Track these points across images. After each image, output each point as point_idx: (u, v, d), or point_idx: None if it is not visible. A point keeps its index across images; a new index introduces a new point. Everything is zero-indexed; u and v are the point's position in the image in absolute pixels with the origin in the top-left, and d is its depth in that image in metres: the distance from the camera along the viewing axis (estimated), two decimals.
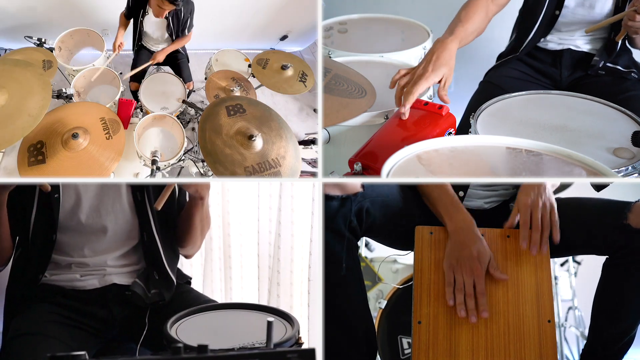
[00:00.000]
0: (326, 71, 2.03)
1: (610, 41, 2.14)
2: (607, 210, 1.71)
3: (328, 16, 2.62)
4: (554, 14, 2.17)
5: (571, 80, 2.21)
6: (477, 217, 1.73)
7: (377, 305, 3.10)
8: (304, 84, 2.49)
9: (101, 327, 1.70)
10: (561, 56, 2.22)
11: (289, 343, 1.41)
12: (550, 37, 2.22)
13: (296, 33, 3.08)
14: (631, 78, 2.13)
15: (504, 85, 2.17)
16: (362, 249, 3.13)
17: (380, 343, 2.24)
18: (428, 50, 1.93)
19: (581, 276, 3.20)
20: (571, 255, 2.70)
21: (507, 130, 1.80)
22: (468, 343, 1.59)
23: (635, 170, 1.63)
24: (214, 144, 1.82)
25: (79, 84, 2.29)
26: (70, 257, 1.72)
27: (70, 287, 1.70)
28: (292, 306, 2.33)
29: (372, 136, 1.81)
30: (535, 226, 1.67)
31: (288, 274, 2.31)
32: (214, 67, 2.54)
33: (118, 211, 1.74)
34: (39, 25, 2.68)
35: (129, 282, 1.73)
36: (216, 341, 1.40)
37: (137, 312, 1.71)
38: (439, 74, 1.84)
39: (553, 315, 1.63)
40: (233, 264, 2.48)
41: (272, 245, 2.39)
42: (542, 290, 1.65)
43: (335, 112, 1.87)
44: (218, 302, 1.74)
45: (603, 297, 1.75)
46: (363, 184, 1.69)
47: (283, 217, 2.29)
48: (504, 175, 1.63)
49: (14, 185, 1.65)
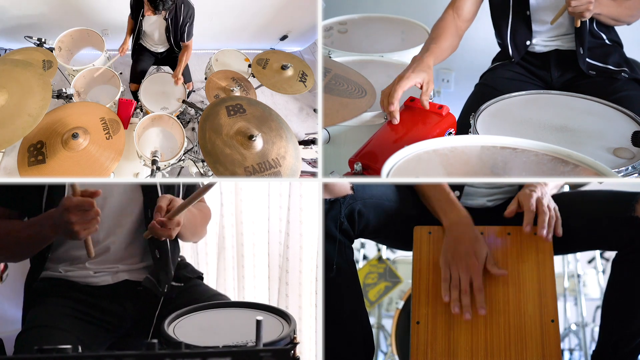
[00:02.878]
0: (326, 71, 2.03)
1: (576, 30, 2.12)
2: (613, 203, 1.67)
3: (328, 16, 2.62)
4: (526, 14, 2.17)
5: (562, 82, 2.20)
6: (479, 216, 1.73)
7: (394, 305, 3.13)
8: (304, 84, 2.49)
9: (114, 322, 1.72)
10: (549, 57, 2.21)
11: (283, 342, 1.42)
12: (535, 40, 2.21)
13: (296, 33, 3.08)
14: (621, 78, 2.12)
15: (499, 86, 2.16)
16: (384, 250, 3.15)
17: (398, 342, 2.23)
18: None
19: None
20: (577, 251, 2.63)
21: (507, 130, 1.80)
22: (467, 343, 1.58)
23: (635, 170, 1.63)
24: (214, 144, 1.82)
25: (79, 84, 2.29)
26: (83, 252, 1.72)
27: (84, 283, 1.73)
28: (301, 306, 2.33)
29: (372, 136, 1.81)
30: (542, 210, 1.63)
31: (297, 274, 2.32)
32: (214, 67, 2.54)
33: (131, 208, 1.76)
34: (39, 25, 2.69)
35: (140, 278, 1.75)
36: (212, 339, 1.41)
37: (148, 308, 1.73)
38: (420, 75, 1.87)
39: (556, 314, 1.60)
40: (246, 263, 2.50)
41: (282, 244, 2.40)
42: (544, 288, 1.62)
43: (335, 112, 1.87)
44: (228, 297, 1.78)
45: (613, 295, 1.69)
46: (353, 187, 1.69)
47: (292, 216, 2.29)
48: (504, 175, 1.63)
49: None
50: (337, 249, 1.65)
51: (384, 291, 3.07)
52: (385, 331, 3.18)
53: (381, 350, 3.22)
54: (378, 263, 3.13)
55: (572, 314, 3.35)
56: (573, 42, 2.17)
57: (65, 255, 1.74)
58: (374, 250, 3.21)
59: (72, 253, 1.74)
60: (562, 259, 3.40)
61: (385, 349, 3.21)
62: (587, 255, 3.43)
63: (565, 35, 2.19)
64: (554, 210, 1.66)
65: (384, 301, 3.16)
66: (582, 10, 1.98)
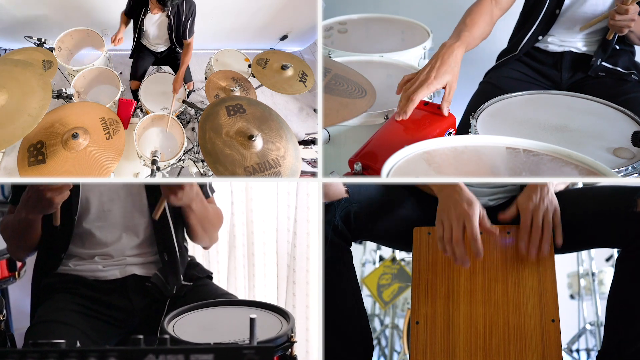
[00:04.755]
0: (326, 71, 2.03)
1: (604, 40, 2.13)
2: (614, 199, 1.63)
3: (328, 16, 2.61)
4: (554, 13, 2.17)
5: (571, 83, 2.21)
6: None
7: (406, 306, 3.14)
8: (304, 84, 2.49)
9: (122, 317, 1.74)
10: (562, 58, 2.21)
11: (280, 340, 1.43)
12: (552, 38, 2.21)
13: (296, 33, 3.08)
14: (631, 80, 2.13)
15: (503, 86, 2.16)
16: (398, 251, 3.15)
17: (410, 342, 2.23)
18: (434, 54, 1.89)
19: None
20: (581, 250, 2.59)
21: (507, 130, 1.79)
22: (466, 343, 1.58)
23: (635, 170, 1.62)
24: (214, 144, 1.82)
25: (79, 84, 2.29)
26: (94, 250, 1.77)
27: (92, 278, 1.75)
28: (308, 305, 2.34)
29: (372, 136, 1.81)
30: (536, 228, 1.61)
31: (304, 273, 2.32)
32: (214, 67, 2.54)
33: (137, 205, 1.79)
34: (39, 25, 2.69)
35: (148, 273, 1.78)
36: (210, 336, 1.43)
37: (156, 304, 1.75)
38: (441, 81, 1.80)
39: (557, 314, 1.57)
40: (256, 262, 2.53)
41: (289, 243, 2.40)
42: (545, 288, 1.60)
43: (335, 112, 1.87)
44: (236, 296, 1.80)
45: (616, 295, 1.64)
46: (348, 190, 1.69)
47: (299, 215, 2.29)
48: (504, 175, 1.63)
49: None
50: (333, 252, 1.66)
51: (398, 292, 3.09)
52: (400, 331, 3.20)
53: (395, 349, 3.24)
54: (392, 264, 3.15)
55: (589, 313, 3.33)
56: (589, 46, 2.18)
57: (76, 251, 1.77)
58: (390, 251, 3.22)
59: (82, 250, 1.77)
60: (576, 258, 3.39)
61: (399, 348, 3.23)
62: (604, 253, 3.40)
63: (584, 39, 2.19)
64: (553, 217, 1.62)
65: (399, 301, 3.18)
66: (623, 26, 2.00)
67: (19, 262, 2.24)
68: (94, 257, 1.77)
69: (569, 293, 3.51)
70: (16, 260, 2.19)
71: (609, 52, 2.13)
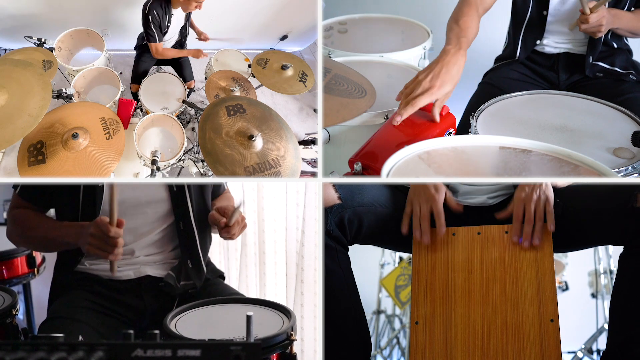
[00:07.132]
0: (326, 71, 2.03)
1: (591, 38, 2.13)
2: (614, 194, 1.62)
3: (328, 16, 2.62)
4: (542, 14, 2.17)
5: (569, 84, 2.20)
6: (480, 214, 1.73)
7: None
8: (304, 84, 2.49)
9: (133, 316, 1.76)
10: (558, 59, 2.21)
11: (280, 338, 1.44)
12: (547, 40, 2.21)
13: (296, 33, 3.08)
14: (629, 80, 2.13)
15: (503, 86, 2.16)
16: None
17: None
18: (436, 59, 1.88)
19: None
20: (583, 248, 2.58)
21: (507, 130, 1.80)
22: (464, 343, 1.58)
23: (635, 170, 1.63)
24: (214, 144, 1.82)
25: (79, 84, 2.29)
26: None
27: (107, 277, 1.76)
28: (317, 304, 2.34)
29: (372, 136, 1.81)
30: (528, 218, 1.63)
31: (312, 272, 2.32)
32: (214, 67, 2.54)
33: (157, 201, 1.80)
34: (39, 25, 2.69)
35: (162, 274, 1.79)
36: (209, 333, 1.44)
37: (167, 303, 1.77)
38: (443, 91, 1.81)
39: (556, 313, 1.56)
40: (267, 260, 2.53)
41: (298, 242, 2.41)
42: (543, 287, 1.59)
43: (335, 112, 1.86)
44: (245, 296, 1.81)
45: (620, 293, 1.62)
46: (340, 196, 1.72)
47: (307, 214, 2.30)
48: (504, 175, 1.63)
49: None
50: (330, 256, 1.69)
51: None
52: None
53: None
54: (408, 265, 3.15)
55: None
56: (585, 46, 2.17)
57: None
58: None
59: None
60: (593, 256, 3.37)
61: None
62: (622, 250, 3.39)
63: (578, 39, 2.19)
64: (545, 206, 1.63)
65: None
66: (593, 31, 2.04)
67: (38, 260, 2.30)
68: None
69: (590, 292, 3.48)
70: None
71: (598, 49, 2.13)
